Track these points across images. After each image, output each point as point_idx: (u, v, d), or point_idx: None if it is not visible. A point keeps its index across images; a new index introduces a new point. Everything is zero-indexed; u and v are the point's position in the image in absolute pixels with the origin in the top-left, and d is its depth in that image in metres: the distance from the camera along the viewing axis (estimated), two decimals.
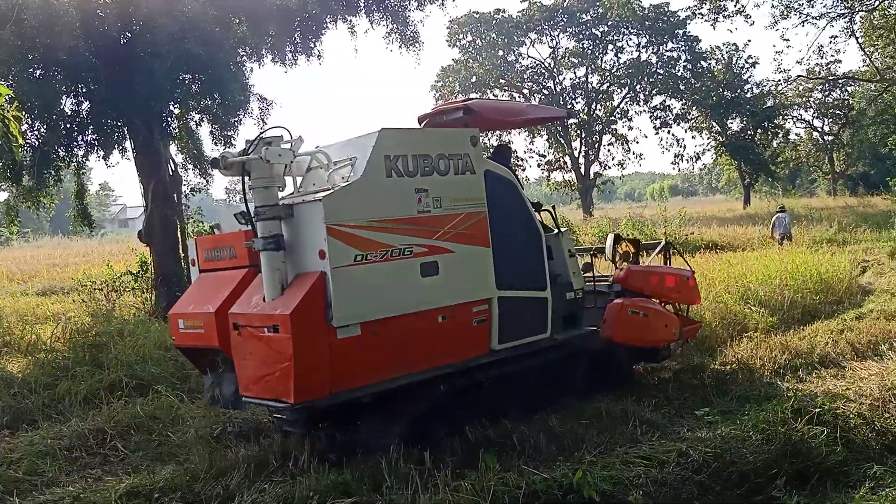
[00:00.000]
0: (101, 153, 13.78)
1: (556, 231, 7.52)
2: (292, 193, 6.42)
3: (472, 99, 8.92)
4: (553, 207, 7.70)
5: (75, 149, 13.64)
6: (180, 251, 13.48)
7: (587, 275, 7.81)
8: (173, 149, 14.66)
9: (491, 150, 7.75)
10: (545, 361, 7.10)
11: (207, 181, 15.46)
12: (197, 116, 14.75)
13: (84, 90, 13.13)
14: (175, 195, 13.58)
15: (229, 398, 6.42)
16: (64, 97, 13.07)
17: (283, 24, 14.14)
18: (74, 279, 19.63)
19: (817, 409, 5.88)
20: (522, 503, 4.63)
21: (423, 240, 6.07)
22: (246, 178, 5.74)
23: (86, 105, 13.41)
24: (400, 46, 15.65)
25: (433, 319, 6.15)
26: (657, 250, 9.05)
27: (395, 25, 15.36)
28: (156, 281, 13.30)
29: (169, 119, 13.90)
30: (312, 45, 14.80)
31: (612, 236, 8.75)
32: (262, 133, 5.84)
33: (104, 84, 12.70)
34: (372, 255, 5.72)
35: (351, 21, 15.15)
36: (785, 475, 5.08)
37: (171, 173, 13.68)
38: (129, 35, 12.85)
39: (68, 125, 13.19)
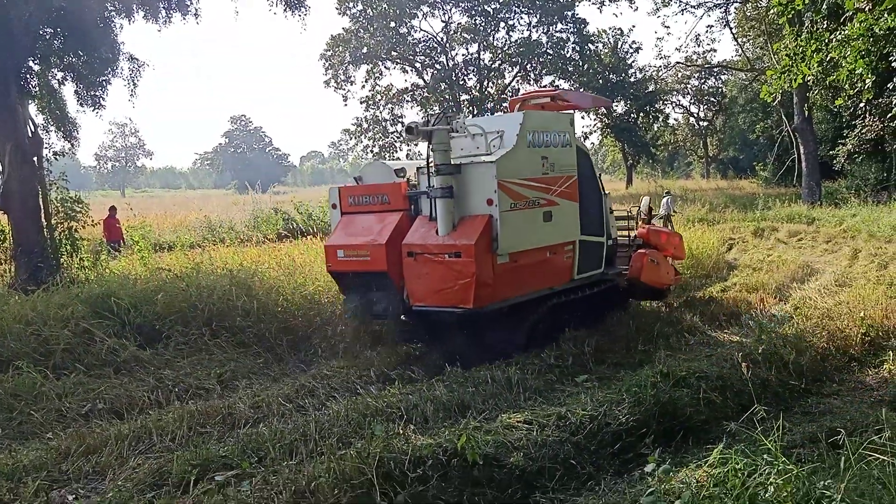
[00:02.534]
0: None
1: (602, 193, 9.85)
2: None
3: (560, 89, 11.64)
4: (599, 174, 9.94)
5: None
6: (42, 219, 12.51)
7: (622, 231, 10.62)
8: (33, 109, 13.51)
9: None
10: (596, 290, 9.47)
11: (73, 144, 14.37)
12: (60, 74, 13.64)
13: None
14: (35, 159, 12.54)
15: (381, 312, 8.52)
16: None
17: None
18: None
19: (683, 373, 6.28)
20: (408, 469, 4.66)
21: (544, 194, 8.42)
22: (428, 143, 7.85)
23: None
24: (284, 10, 15.05)
25: (545, 254, 8.54)
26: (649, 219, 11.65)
27: None
28: (14, 251, 12.29)
29: (28, 76, 12.79)
30: (189, 3, 13.96)
31: (646, 199, 11.88)
32: (444, 110, 8.50)
33: None
34: (519, 203, 8.00)
35: None
36: (653, 434, 5.41)
37: (30, 135, 12.60)
38: None
39: None
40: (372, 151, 48.70)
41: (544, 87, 38.76)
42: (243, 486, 4.64)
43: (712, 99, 56.88)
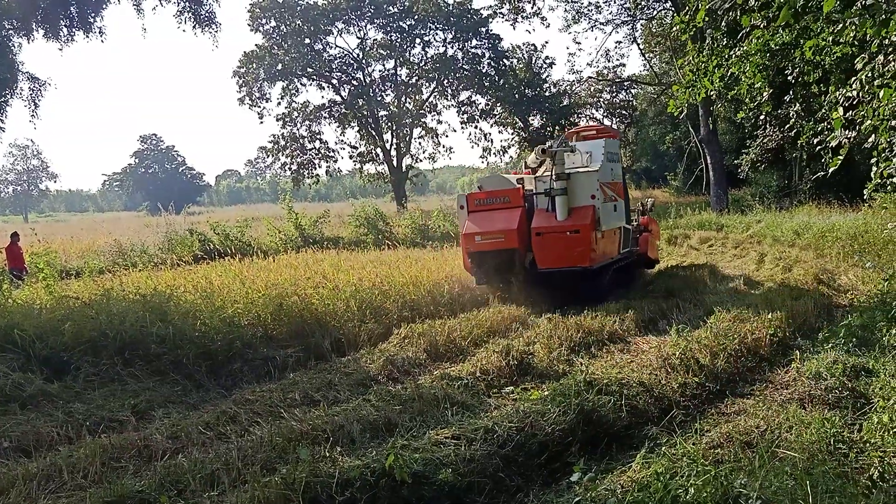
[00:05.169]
0: None
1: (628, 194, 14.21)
2: (546, 170, 12.42)
3: (604, 125, 16.93)
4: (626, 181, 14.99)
5: None
6: None
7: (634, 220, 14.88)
8: None
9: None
10: (628, 262, 13.82)
11: None
12: None
13: None
14: None
15: (508, 278, 12.08)
16: None
17: None
18: None
19: (605, 381, 6.41)
20: (336, 492, 4.57)
21: (613, 193, 12.54)
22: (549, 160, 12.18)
23: None
24: (194, 27, 14.70)
25: (613, 233, 12.64)
26: (644, 212, 15.78)
27: (187, 3, 14.39)
28: None
29: None
30: (92, 21, 13.44)
31: (651, 199, 16.84)
32: (563, 137, 12.46)
33: None
34: (606, 198, 12.07)
35: None
36: (579, 442, 5.48)
37: None
38: None
39: None
40: (290, 169, 48.05)
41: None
42: None
43: (624, 112, 58.74)
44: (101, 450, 5.80)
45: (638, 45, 44.38)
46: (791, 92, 13.06)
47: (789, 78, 10.62)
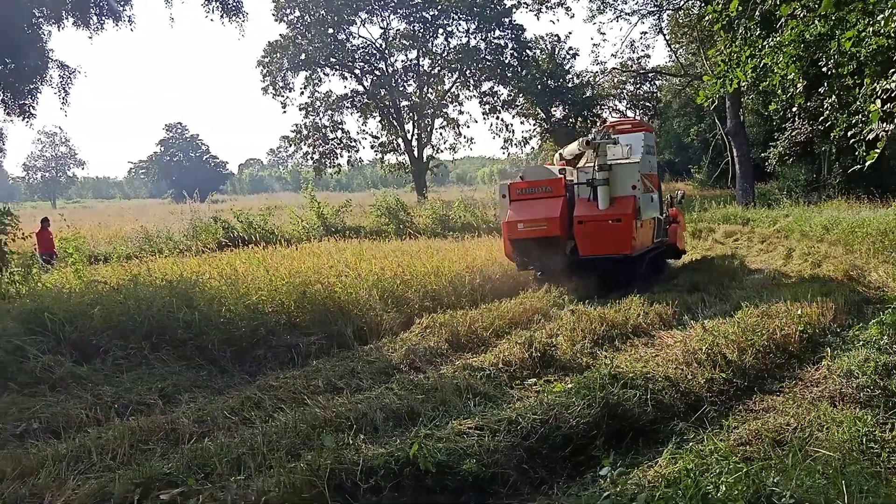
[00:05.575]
0: None
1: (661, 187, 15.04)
2: (587, 161, 12.78)
3: (639, 120, 16.35)
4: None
5: None
6: None
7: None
8: None
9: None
10: (660, 251, 14.46)
11: None
12: None
13: None
14: None
15: (549, 264, 12.46)
16: None
17: None
18: None
19: (630, 375, 6.35)
20: (360, 480, 4.58)
21: (650, 184, 13.04)
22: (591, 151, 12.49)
23: None
24: (222, 16, 14.79)
25: (650, 223, 13.10)
26: (672, 203, 16.47)
27: None
28: None
29: None
30: (121, 9, 13.58)
31: (680, 191, 17.53)
32: (605, 129, 12.78)
33: None
34: (645, 189, 12.42)
35: None
36: (604, 436, 5.44)
37: None
38: None
39: None
40: (312, 158, 48.21)
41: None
42: None
43: (648, 103, 58.14)
44: (130, 432, 5.87)
45: (664, 35, 43.91)
46: (826, 84, 12.83)
47: (823, 69, 10.42)
